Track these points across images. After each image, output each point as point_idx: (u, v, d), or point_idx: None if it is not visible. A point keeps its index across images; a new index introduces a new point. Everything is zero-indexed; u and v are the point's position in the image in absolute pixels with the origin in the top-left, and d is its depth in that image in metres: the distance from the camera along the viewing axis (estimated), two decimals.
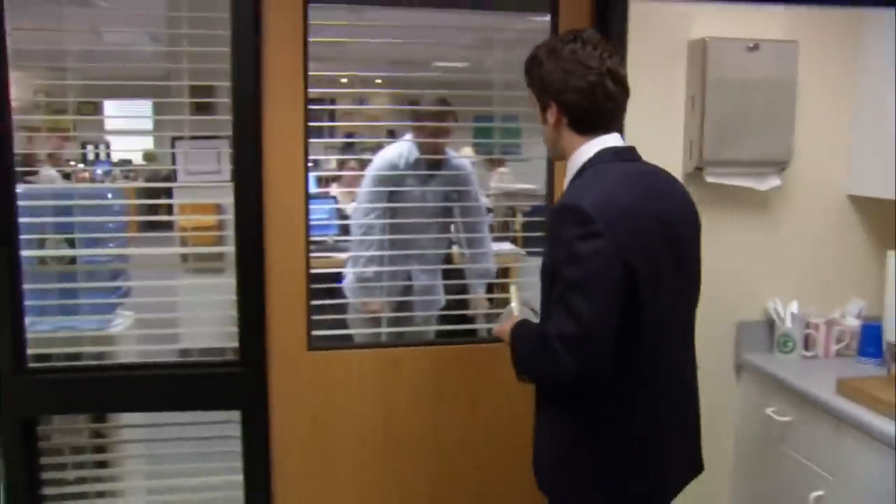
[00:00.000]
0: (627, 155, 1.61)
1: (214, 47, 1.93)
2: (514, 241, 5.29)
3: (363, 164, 6.09)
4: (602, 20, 2.18)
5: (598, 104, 1.53)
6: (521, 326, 1.60)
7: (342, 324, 2.30)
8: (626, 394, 1.52)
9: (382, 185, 3.00)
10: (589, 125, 1.55)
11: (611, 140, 1.57)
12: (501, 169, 8.45)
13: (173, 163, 2.37)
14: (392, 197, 3.00)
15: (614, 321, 1.40)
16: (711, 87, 2.20)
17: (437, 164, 3.07)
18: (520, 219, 5.34)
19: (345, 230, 5.06)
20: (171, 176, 2.90)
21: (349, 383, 2.07)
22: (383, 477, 2.16)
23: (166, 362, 2.05)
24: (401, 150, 3.04)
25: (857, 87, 2.36)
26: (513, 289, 1.74)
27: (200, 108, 4.02)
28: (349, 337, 2.77)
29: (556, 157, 1.67)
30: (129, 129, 3.39)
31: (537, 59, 1.58)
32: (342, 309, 2.28)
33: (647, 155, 2.27)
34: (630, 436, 1.55)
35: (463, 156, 3.41)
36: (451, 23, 2.39)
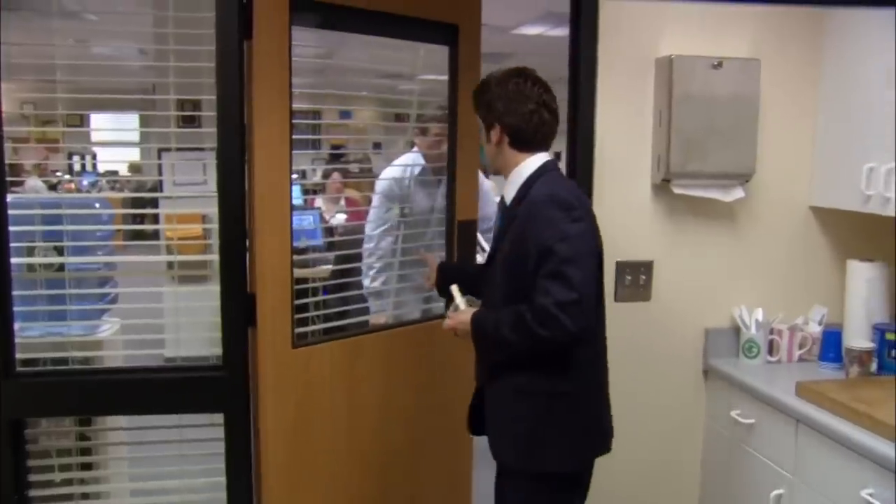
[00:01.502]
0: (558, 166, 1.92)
1: (200, 62, 1.99)
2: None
3: (347, 175, 6.19)
4: (573, 40, 2.28)
5: (534, 128, 1.85)
6: (483, 314, 1.84)
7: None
8: (591, 359, 1.84)
9: (390, 201, 3.06)
10: (527, 144, 1.86)
11: (547, 156, 1.88)
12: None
13: (160, 174, 2.43)
14: (404, 212, 3.06)
15: (594, 289, 1.75)
16: (678, 103, 2.30)
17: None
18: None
19: (332, 240, 5.12)
20: (158, 186, 2.95)
21: (329, 375, 2.16)
22: (365, 470, 2.25)
23: (151, 367, 2.10)
24: (405, 162, 3.09)
25: (818, 101, 2.45)
26: (454, 288, 1.96)
27: (187, 121, 4.10)
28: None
29: (494, 171, 1.98)
30: (115, 141, 3.43)
31: (487, 85, 1.89)
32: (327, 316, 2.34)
33: (617, 167, 2.39)
34: (597, 398, 1.87)
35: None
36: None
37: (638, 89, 2.37)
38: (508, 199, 1.88)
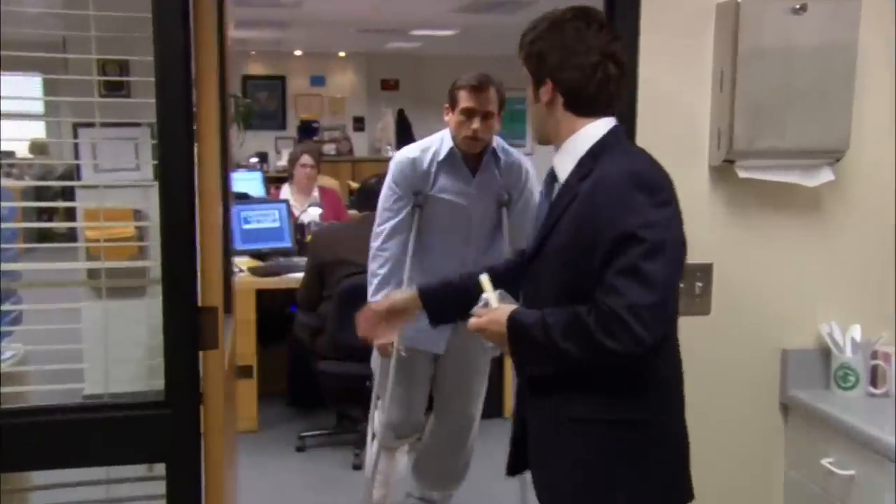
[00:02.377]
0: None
1: (128, 11, 1.99)
2: None
3: (320, 159, 6.24)
4: None
5: (598, 86, 1.84)
6: (525, 313, 1.85)
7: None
8: (673, 375, 1.89)
9: (403, 193, 3.18)
10: (587, 107, 1.87)
11: (612, 121, 1.90)
12: None
13: (76, 157, 2.44)
14: (420, 208, 3.20)
15: (677, 292, 1.80)
16: (745, 60, 2.34)
17: (478, 162, 3.22)
18: None
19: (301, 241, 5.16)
20: (73, 173, 2.96)
21: None
22: None
23: (69, 405, 2.10)
24: (426, 146, 3.22)
25: None
26: (484, 279, 1.95)
27: (112, 88, 4.14)
28: None
29: (542, 139, 1.97)
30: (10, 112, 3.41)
31: (536, 31, 1.87)
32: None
33: (667, 145, 2.42)
34: (683, 428, 1.90)
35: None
36: None
37: (693, 43, 2.41)
38: (563, 174, 1.90)
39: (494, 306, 1.90)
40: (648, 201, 1.72)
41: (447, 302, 2.16)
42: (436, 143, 3.21)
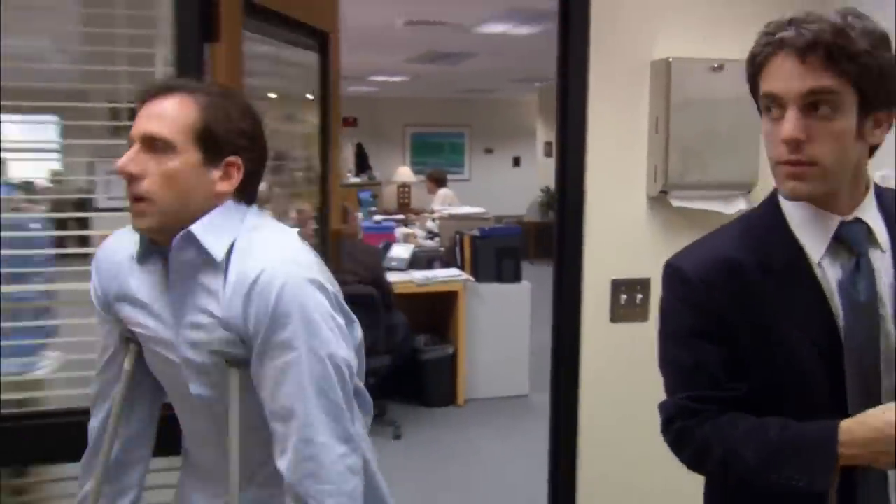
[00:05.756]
0: None
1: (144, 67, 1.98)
2: (461, 266, 5.44)
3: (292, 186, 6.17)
4: (562, 40, 2.34)
5: None
6: None
7: None
8: None
9: None
10: None
11: None
12: (443, 190, 8.62)
13: (90, 186, 2.40)
14: None
15: None
16: (676, 109, 2.37)
17: None
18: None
19: None
20: (84, 202, 2.90)
21: None
22: None
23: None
24: None
25: None
26: None
27: (122, 130, 4.03)
28: None
29: (830, 188, 1.21)
30: (34, 147, 3.30)
31: (882, 38, 1.16)
32: None
33: (611, 179, 2.44)
34: None
35: None
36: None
37: (633, 94, 2.44)
38: (883, 237, 1.24)
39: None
40: None
41: None
42: None
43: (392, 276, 4.99)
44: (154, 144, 1.31)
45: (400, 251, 5.58)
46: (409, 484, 3.96)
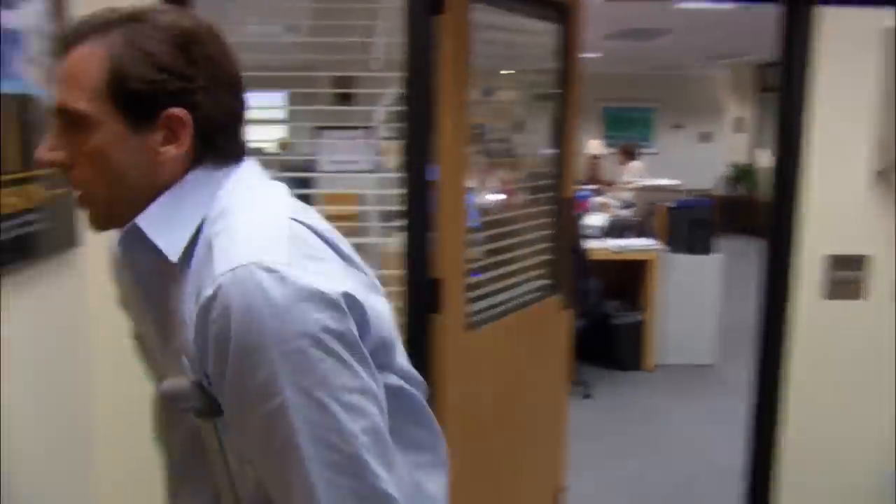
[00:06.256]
0: None
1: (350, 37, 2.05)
2: (653, 236, 5.36)
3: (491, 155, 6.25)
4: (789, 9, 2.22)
5: None
6: None
7: None
8: None
9: None
10: None
11: None
12: (634, 163, 8.40)
13: (312, 153, 2.58)
14: None
15: None
16: None
17: None
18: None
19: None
20: (307, 166, 3.12)
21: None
22: None
23: None
24: None
25: None
26: None
27: (342, 99, 4.28)
28: None
29: None
30: (267, 119, 3.61)
31: None
32: None
33: (832, 152, 2.28)
34: None
35: None
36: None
37: (860, 64, 2.28)
38: None
39: None
40: None
41: None
42: None
43: (588, 244, 5.00)
44: (68, 120, 0.90)
45: (596, 219, 5.61)
46: (598, 442, 3.98)
